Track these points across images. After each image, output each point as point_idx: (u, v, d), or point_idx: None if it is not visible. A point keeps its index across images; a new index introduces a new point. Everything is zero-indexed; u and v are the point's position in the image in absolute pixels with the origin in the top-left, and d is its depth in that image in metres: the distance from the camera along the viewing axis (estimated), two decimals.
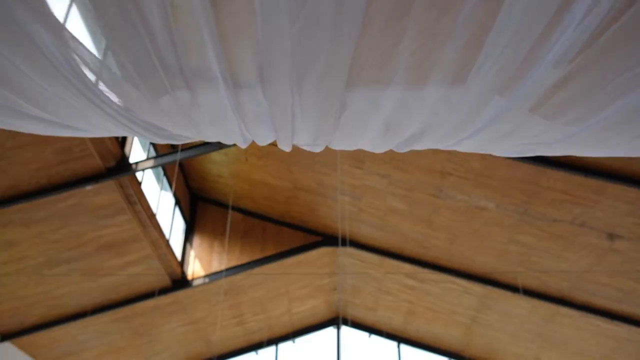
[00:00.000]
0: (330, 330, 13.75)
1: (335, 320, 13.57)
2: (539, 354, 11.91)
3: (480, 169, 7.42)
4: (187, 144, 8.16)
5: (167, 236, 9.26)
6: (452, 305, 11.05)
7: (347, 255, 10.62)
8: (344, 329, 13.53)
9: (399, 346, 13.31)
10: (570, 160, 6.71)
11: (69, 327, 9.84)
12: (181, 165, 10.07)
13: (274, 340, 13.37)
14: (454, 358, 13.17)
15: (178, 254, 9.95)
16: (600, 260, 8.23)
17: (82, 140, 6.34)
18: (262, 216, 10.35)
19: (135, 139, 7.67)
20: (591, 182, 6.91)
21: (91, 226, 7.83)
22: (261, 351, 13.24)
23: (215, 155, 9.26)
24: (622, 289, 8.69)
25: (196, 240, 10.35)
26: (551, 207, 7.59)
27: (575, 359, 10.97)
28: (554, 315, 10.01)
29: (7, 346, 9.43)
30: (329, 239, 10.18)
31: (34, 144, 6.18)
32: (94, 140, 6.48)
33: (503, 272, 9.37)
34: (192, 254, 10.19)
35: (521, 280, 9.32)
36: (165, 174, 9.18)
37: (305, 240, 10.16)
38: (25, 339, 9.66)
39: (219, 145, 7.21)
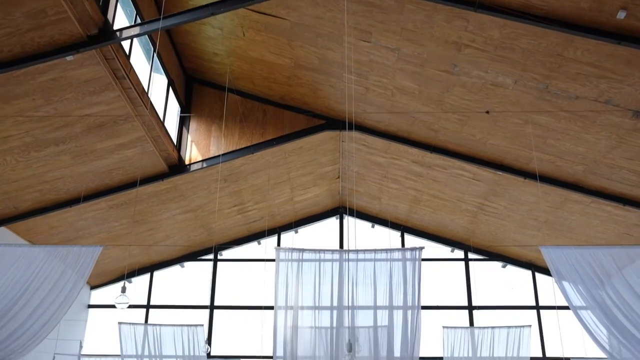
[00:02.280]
0: (333, 221, 13.58)
1: (339, 210, 13.36)
2: (543, 242, 11.76)
3: (500, 39, 6.74)
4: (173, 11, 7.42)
5: (161, 118, 8.74)
6: (460, 193, 10.72)
7: (351, 140, 10.14)
8: (347, 218, 13.34)
9: (402, 235, 13.18)
10: (602, 26, 6.03)
11: (66, 213, 9.57)
12: (174, 43, 9.35)
13: (276, 230, 13.23)
14: (457, 247, 13.08)
15: (174, 138, 9.48)
16: (621, 141, 7.74)
17: (56, 0, 5.64)
18: (261, 98, 9.75)
19: (119, 6, 6.95)
20: (623, 52, 6.27)
21: (77, 104, 7.28)
22: (263, 241, 13.13)
23: (210, 30, 8.53)
24: (639, 172, 8.28)
25: (193, 124, 9.83)
26: (575, 82, 6.99)
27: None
28: (564, 201, 9.70)
29: (4, 231, 9.21)
30: (333, 123, 9.65)
31: (0, 5, 5.50)
32: (70, 2, 5.78)
33: (516, 156, 8.92)
34: (188, 139, 9.72)
35: (534, 165, 8.90)
36: (154, 49, 8.48)
37: (308, 123, 9.63)
38: (22, 225, 9.43)
39: (211, 11, 6.49)
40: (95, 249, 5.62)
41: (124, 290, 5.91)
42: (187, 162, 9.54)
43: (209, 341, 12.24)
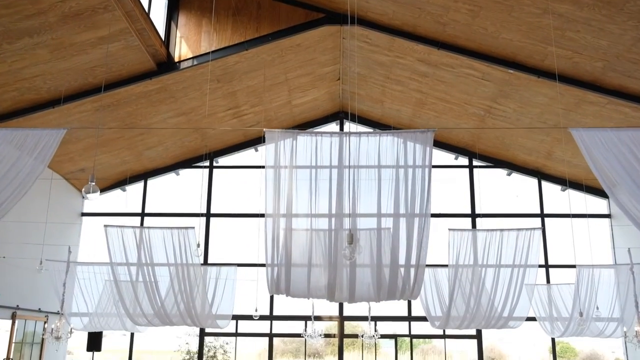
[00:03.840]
0: (333, 127, 13.05)
1: (339, 115, 12.79)
2: (552, 148, 11.30)
3: None
4: None
5: (145, 9, 7.99)
6: (467, 95, 10.12)
7: (353, 37, 9.41)
8: (348, 125, 12.79)
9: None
10: None
11: (49, 115, 9.02)
12: None
13: None
14: (462, 154, 12.64)
15: (161, 33, 8.76)
16: None
17: None
18: None
19: None
20: None
21: None
22: (260, 147, 12.67)
23: None
24: None
25: (182, 18, 9.06)
26: None
27: None
28: (578, 102, 9.13)
29: None
30: (333, 16, 8.89)
31: None
32: None
33: (530, 52, 8.25)
34: (177, 34, 8.99)
35: (549, 62, 8.25)
36: None
37: (306, 17, 8.88)
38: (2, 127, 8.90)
39: None
40: (57, 131, 5.15)
41: (92, 179, 5.49)
42: (176, 60, 8.88)
43: (205, 249, 12.06)
